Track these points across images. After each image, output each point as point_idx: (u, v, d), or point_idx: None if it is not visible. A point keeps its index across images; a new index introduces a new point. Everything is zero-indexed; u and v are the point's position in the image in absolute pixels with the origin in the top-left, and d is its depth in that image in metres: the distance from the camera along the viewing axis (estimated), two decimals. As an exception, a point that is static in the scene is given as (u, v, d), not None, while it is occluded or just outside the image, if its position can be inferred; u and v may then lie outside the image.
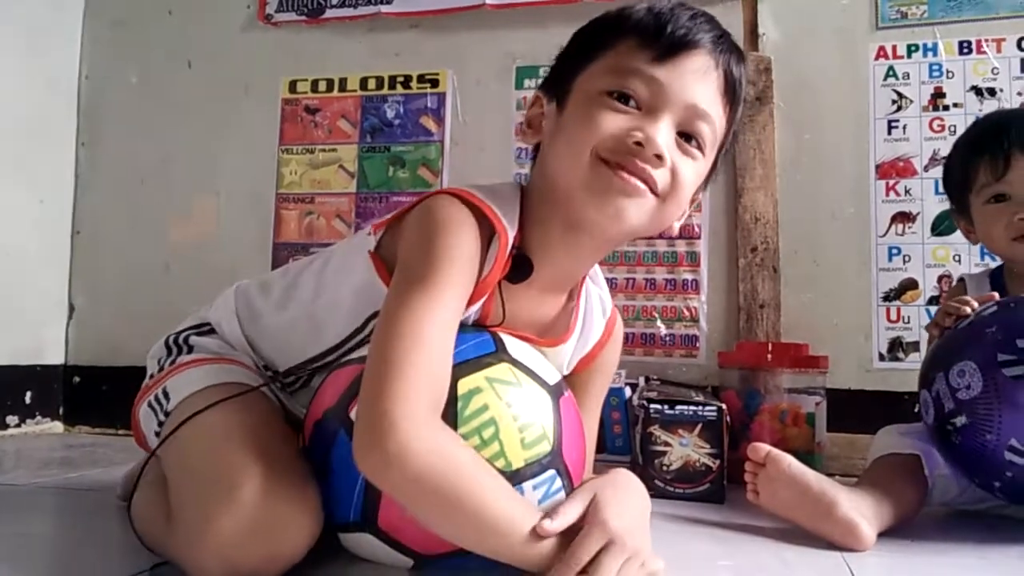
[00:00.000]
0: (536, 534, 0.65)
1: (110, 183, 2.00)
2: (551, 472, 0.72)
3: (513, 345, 0.78)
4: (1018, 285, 1.19)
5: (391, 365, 0.66)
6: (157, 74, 2.00)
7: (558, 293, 0.87)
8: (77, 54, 2.04)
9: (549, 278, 0.83)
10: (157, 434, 0.85)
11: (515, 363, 0.75)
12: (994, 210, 1.14)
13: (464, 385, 0.71)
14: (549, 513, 0.67)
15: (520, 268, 0.80)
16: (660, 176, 0.75)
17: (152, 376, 0.93)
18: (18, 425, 1.84)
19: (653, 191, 0.76)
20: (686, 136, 0.77)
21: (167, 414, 0.83)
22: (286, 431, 0.80)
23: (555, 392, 0.77)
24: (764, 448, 1.00)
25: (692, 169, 0.78)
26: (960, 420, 0.96)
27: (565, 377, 0.89)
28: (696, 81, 0.76)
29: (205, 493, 0.68)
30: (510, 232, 0.78)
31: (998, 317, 0.99)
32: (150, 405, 0.87)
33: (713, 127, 0.78)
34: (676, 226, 0.84)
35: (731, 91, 0.79)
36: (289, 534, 0.68)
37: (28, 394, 1.87)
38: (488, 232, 0.77)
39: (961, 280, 1.28)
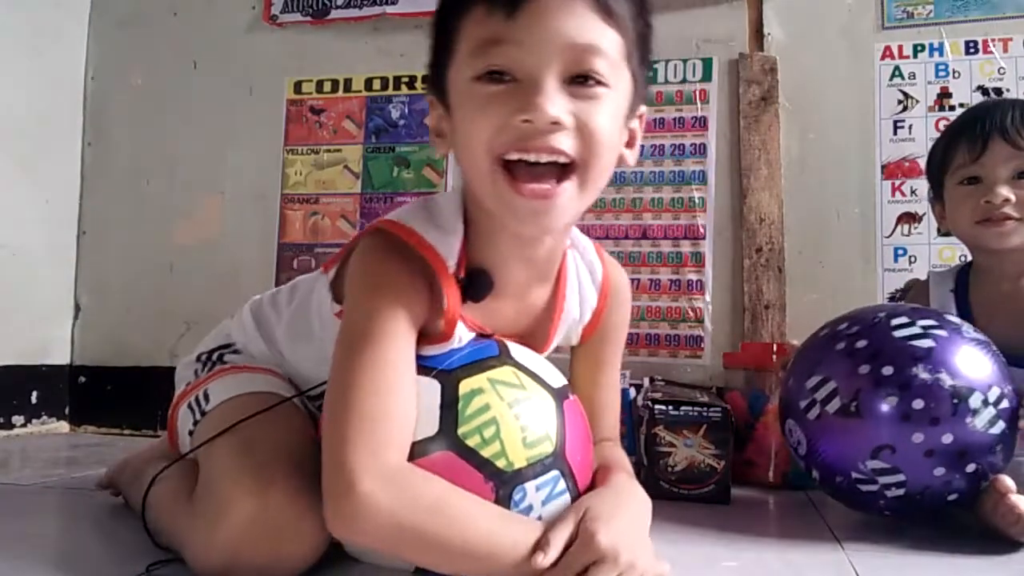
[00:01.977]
0: (532, 554, 0.64)
1: (116, 183, 2.00)
2: (554, 473, 0.71)
3: (517, 350, 0.78)
4: (983, 281, 1.18)
5: (346, 423, 0.65)
6: (162, 75, 2.01)
7: (545, 278, 0.83)
8: (83, 55, 2.04)
9: (518, 278, 0.80)
10: (191, 433, 0.87)
11: (518, 366, 0.75)
12: (964, 192, 1.14)
13: (466, 385, 0.71)
14: (540, 543, 0.65)
15: (477, 286, 0.76)
16: (567, 141, 0.67)
17: (189, 384, 0.94)
18: (24, 425, 1.84)
19: (568, 169, 0.68)
20: (580, 78, 0.68)
21: (203, 414, 0.85)
22: (312, 442, 0.79)
23: (559, 395, 0.77)
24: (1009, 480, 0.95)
25: (603, 110, 0.69)
26: (814, 474, 1.01)
27: (575, 348, 0.91)
28: (560, 18, 0.66)
29: (235, 481, 0.69)
30: (449, 260, 0.74)
31: (793, 373, 1.05)
32: (189, 406, 0.89)
33: (604, 54, 0.68)
34: (630, 157, 0.77)
35: (603, 5, 0.68)
36: (298, 541, 0.68)
37: (34, 394, 1.87)
38: (428, 270, 0.73)
39: (926, 280, 1.28)
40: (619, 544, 0.64)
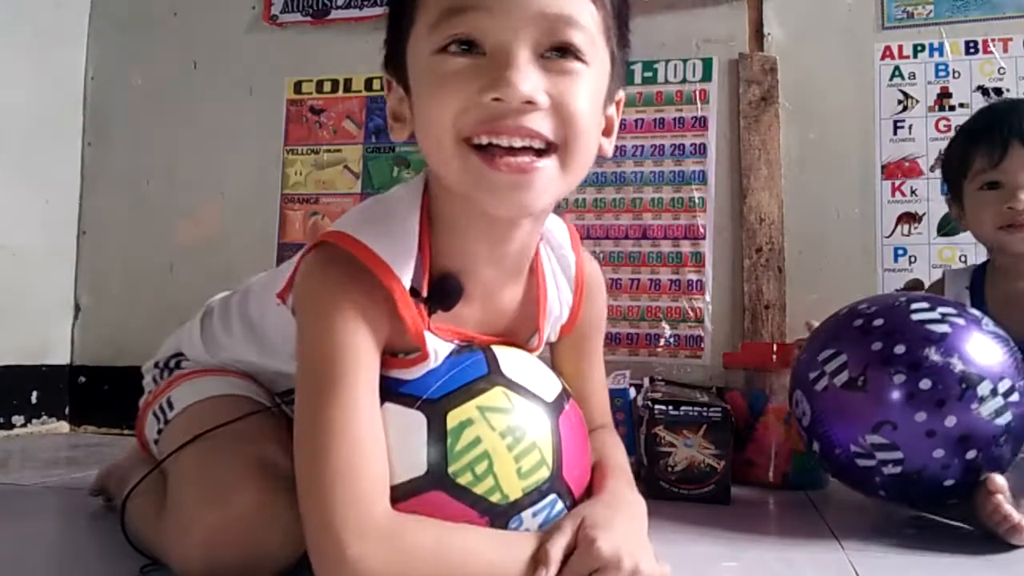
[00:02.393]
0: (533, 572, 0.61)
1: (116, 183, 2.00)
2: (551, 497, 0.69)
3: (507, 361, 0.72)
4: (999, 280, 1.21)
5: (320, 481, 0.60)
6: (163, 75, 2.01)
7: (516, 276, 0.76)
8: (83, 55, 2.04)
9: (493, 273, 0.73)
10: (156, 441, 0.86)
11: (509, 384, 0.70)
12: (985, 197, 1.15)
13: (454, 418, 0.66)
14: (539, 558, 0.62)
15: (445, 295, 0.69)
16: (543, 123, 0.60)
17: (151, 392, 0.93)
18: (24, 425, 1.84)
19: (547, 148, 0.61)
20: (556, 52, 0.61)
21: (167, 421, 0.84)
22: (283, 437, 0.77)
23: (554, 409, 0.72)
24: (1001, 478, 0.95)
25: (582, 88, 0.62)
26: (815, 445, 1.01)
27: (554, 345, 0.86)
28: None
29: (200, 492, 0.69)
30: (404, 276, 0.66)
31: (808, 346, 1.06)
32: (154, 414, 0.88)
33: (582, 27, 0.61)
34: (607, 146, 0.71)
35: None
36: (270, 545, 0.68)
37: (34, 394, 1.87)
38: (382, 286, 0.66)
39: (941, 278, 1.31)
40: (621, 550, 0.62)
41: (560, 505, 0.70)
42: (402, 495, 0.64)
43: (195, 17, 2.00)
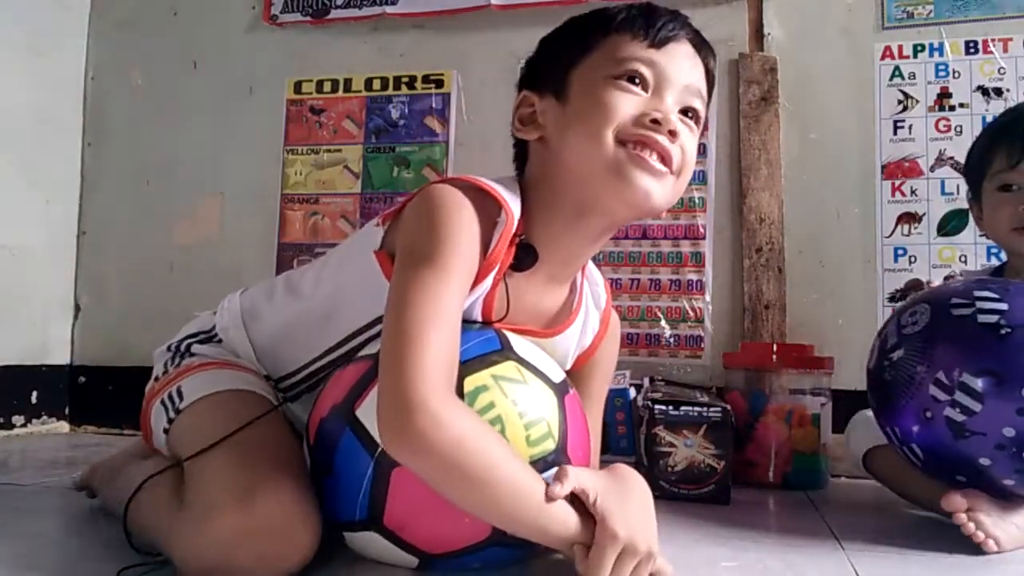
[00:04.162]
0: (549, 499, 0.67)
1: (116, 183, 2.00)
2: (556, 470, 0.71)
3: (519, 343, 0.78)
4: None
5: (410, 344, 0.67)
6: (162, 75, 2.01)
7: (560, 284, 0.89)
8: (83, 55, 2.04)
9: (553, 267, 0.85)
10: (166, 431, 0.86)
11: (521, 361, 0.75)
12: (1002, 198, 1.15)
13: (471, 383, 0.71)
14: (558, 475, 0.68)
15: (526, 255, 0.81)
16: (675, 152, 0.79)
17: (158, 379, 0.94)
18: (24, 425, 1.85)
19: (670, 169, 0.79)
20: (684, 113, 0.82)
21: (178, 412, 0.85)
22: (293, 441, 0.81)
23: (560, 390, 0.77)
24: (960, 498, 0.93)
25: (693, 143, 0.83)
26: (897, 354, 0.96)
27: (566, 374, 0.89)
28: (688, 64, 0.83)
29: (225, 489, 0.69)
30: (515, 213, 0.79)
31: (965, 283, 0.99)
32: (162, 403, 0.88)
33: (703, 103, 0.84)
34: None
35: (710, 77, 0.86)
36: (287, 546, 0.68)
37: (34, 394, 1.87)
38: (491, 215, 0.78)
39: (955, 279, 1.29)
40: (636, 533, 0.68)
41: None
42: None
43: (195, 17, 2.00)
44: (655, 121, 0.78)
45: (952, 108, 1.60)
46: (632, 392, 1.42)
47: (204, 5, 2.00)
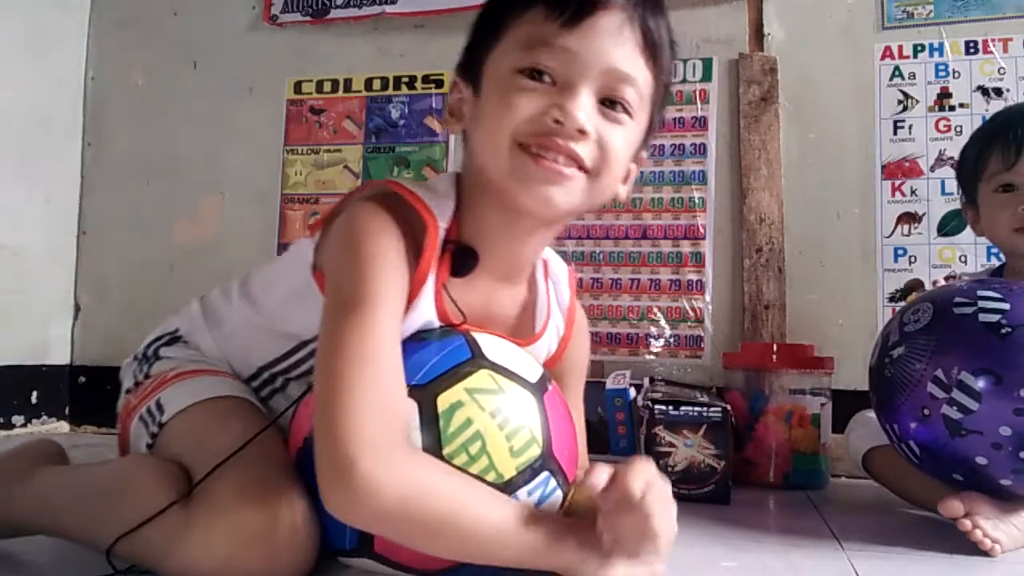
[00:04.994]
0: (526, 525, 0.63)
1: (116, 183, 2.00)
2: (544, 475, 0.70)
3: (489, 346, 0.74)
4: None
5: (338, 398, 0.63)
6: (162, 75, 2.01)
7: (514, 283, 0.84)
8: (83, 54, 2.04)
9: (499, 267, 0.80)
10: (150, 446, 0.82)
11: (494, 367, 0.72)
12: (1001, 199, 1.14)
13: (444, 400, 0.67)
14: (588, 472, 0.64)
15: (463, 260, 0.77)
16: (586, 151, 0.72)
17: (130, 391, 0.90)
18: (24, 425, 1.84)
19: (582, 167, 0.72)
20: (610, 102, 0.73)
21: (161, 425, 0.80)
22: (283, 450, 0.77)
23: (539, 389, 0.74)
24: (958, 504, 0.92)
25: (621, 136, 0.74)
26: (898, 351, 0.96)
27: None
28: (611, 43, 0.72)
29: (238, 489, 0.67)
30: (440, 222, 0.75)
31: (968, 282, 1.00)
32: (141, 419, 0.83)
33: (638, 88, 0.74)
34: (623, 192, 0.81)
35: (651, 46, 0.74)
36: (295, 552, 0.67)
37: (34, 394, 1.87)
38: (418, 226, 0.74)
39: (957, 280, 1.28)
40: (667, 542, 0.65)
41: (554, 483, 0.71)
42: None
43: (195, 17, 2.00)
44: (558, 121, 0.70)
45: (952, 108, 1.60)
46: (632, 392, 1.42)
47: (204, 5, 2.00)
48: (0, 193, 1.79)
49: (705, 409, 1.21)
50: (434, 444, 0.66)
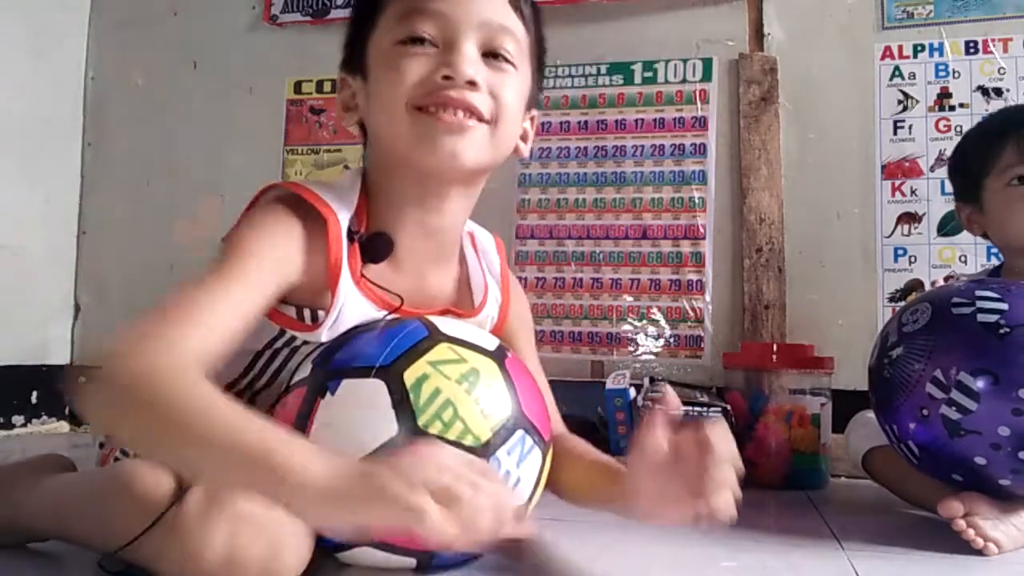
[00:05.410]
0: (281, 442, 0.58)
1: (116, 183, 2.00)
2: (519, 433, 0.72)
3: (444, 323, 0.77)
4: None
5: (165, 306, 0.67)
6: (163, 75, 2.01)
7: (444, 261, 0.86)
8: (83, 55, 2.04)
9: (424, 247, 0.82)
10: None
11: (452, 340, 0.74)
12: (1018, 193, 1.11)
13: (410, 375, 0.69)
14: None
15: (375, 247, 0.78)
16: (481, 101, 0.75)
17: (103, 444, 0.90)
18: (24, 425, 1.85)
19: (481, 119, 0.76)
20: (493, 55, 0.77)
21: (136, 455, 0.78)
22: None
23: (499, 356, 0.76)
24: (957, 504, 0.92)
25: (511, 85, 0.78)
26: (896, 352, 0.95)
27: None
28: (480, 0, 0.77)
29: (210, 503, 0.65)
30: (342, 214, 0.76)
31: (966, 283, 1.00)
32: (123, 451, 0.83)
33: (515, 38, 0.79)
34: (525, 148, 0.85)
35: (517, 2, 0.79)
36: (298, 546, 0.66)
37: (34, 394, 1.87)
38: (320, 222, 0.75)
39: (956, 280, 1.28)
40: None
41: (530, 441, 0.73)
42: (382, 458, 0.64)
43: (195, 17, 2.00)
44: (446, 77, 0.74)
45: (952, 108, 1.60)
46: (632, 392, 1.42)
47: (204, 5, 2.00)
48: (0, 193, 1.79)
49: (705, 409, 1.22)
50: (408, 417, 0.67)
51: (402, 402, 0.68)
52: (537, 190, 1.77)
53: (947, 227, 1.57)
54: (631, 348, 1.69)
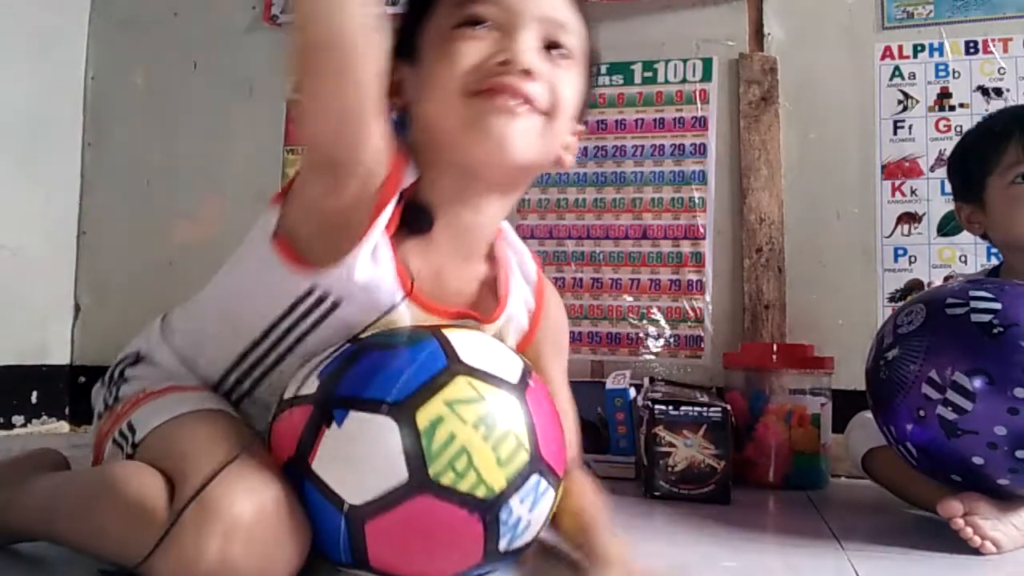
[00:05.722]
0: None
1: (116, 183, 2.00)
2: (535, 478, 0.68)
3: (463, 345, 0.71)
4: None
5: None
6: (163, 75, 2.01)
7: (471, 258, 0.82)
8: (83, 55, 2.04)
9: (453, 241, 0.79)
10: None
11: (471, 372, 0.68)
12: (1021, 192, 1.10)
13: (423, 417, 0.64)
14: None
15: (418, 217, 0.76)
16: (537, 89, 0.73)
17: (101, 416, 0.89)
18: (24, 425, 1.84)
19: (535, 110, 0.74)
20: (551, 48, 0.76)
21: (135, 446, 0.76)
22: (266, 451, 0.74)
23: (520, 389, 0.71)
24: (956, 503, 0.92)
25: (568, 81, 0.76)
26: (892, 353, 0.96)
27: None
28: None
29: (226, 480, 0.65)
30: (404, 171, 0.74)
31: (960, 283, 1.00)
32: (115, 441, 0.80)
33: (574, 35, 0.77)
34: (568, 160, 0.82)
35: (578, 4, 0.79)
36: (291, 547, 0.66)
37: (34, 394, 1.87)
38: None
39: (955, 280, 1.28)
40: None
41: (544, 484, 0.69)
42: (389, 504, 0.63)
43: (195, 17, 2.00)
44: (503, 63, 0.72)
45: (952, 108, 1.60)
46: (632, 392, 1.42)
47: (204, 5, 2.00)
48: (0, 193, 1.79)
49: (705, 409, 1.21)
50: (419, 464, 0.63)
51: (413, 447, 0.63)
52: (537, 190, 1.77)
53: (947, 227, 1.57)
54: (631, 348, 1.69)
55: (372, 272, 0.73)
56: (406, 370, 0.67)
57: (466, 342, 0.71)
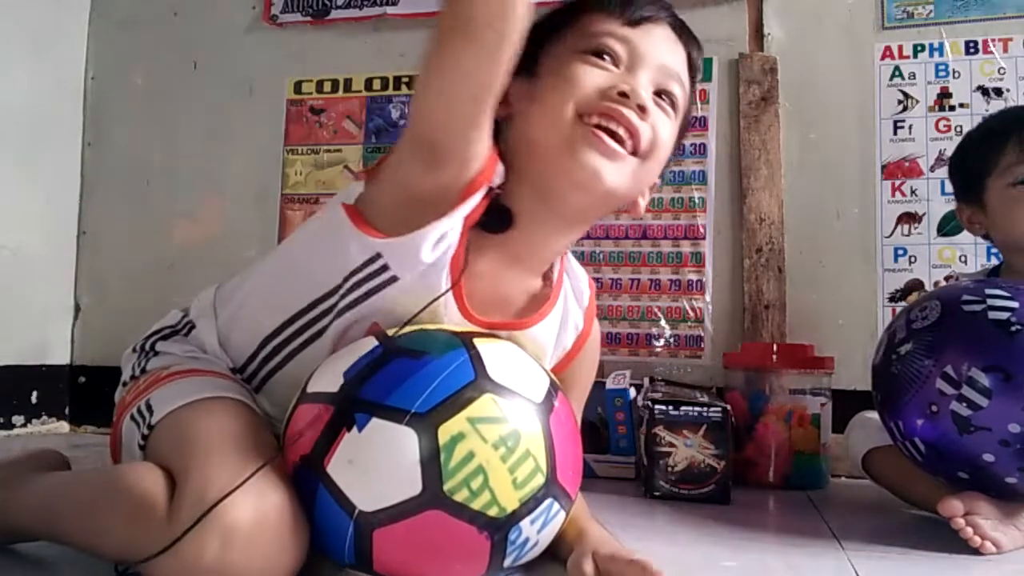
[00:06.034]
0: None
1: (116, 183, 2.00)
2: (548, 502, 0.68)
3: (492, 358, 0.70)
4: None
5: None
6: (163, 75, 2.01)
7: (530, 272, 0.86)
8: (83, 55, 2.04)
9: (521, 246, 0.82)
10: (141, 447, 0.79)
11: (497, 389, 0.68)
12: (1021, 193, 1.10)
13: (445, 432, 0.64)
14: None
15: (498, 216, 0.78)
16: (644, 128, 0.77)
17: (125, 384, 0.90)
18: (24, 425, 1.84)
19: (635, 148, 0.78)
20: (660, 94, 0.80)
21: (151, 427, 0.78)
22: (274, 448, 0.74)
23: (544, 409, 0.70)
24: (957, 503, 0.92)
25: (668, 128, 0.81)
26: (905, 348, 0.96)
27: None
28: (665, 47, 0.81)
29: (229, 481, 0.65)
30: (497, 170, 0.77)
31: (974, 282, 1.01)
32: (132, 418, 0.81)
33: (683, 90, 0.82)
34: (642, 205, 0.86)
35: (692, 70, 0.84)
36: (291, 548, 0.66)
37: (34, 394, 1.87)
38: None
39: (956, 280, 1.28)
40: None
41: (556, 507, 0.70)
42: (399, 515, 0.63)
43: (195, 17, 2.00)
44: (623, 94, 0.76)
45: (952, 108, 1.60)
46: (632, 392, 1.42)
47: (204, 5, 2.00)
48: (0, 193, 1.79)
49: (705, 409, 1.21)
50: (435, 479, 0.63)
51: (431, 461, 0.63)
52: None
53: (947, 227, 1.57)
54: (631, 348, 1.69)
55: (436, 253, 0.75)
56: (433, 381, 0.66)
57: (496, 355, 0.71)
